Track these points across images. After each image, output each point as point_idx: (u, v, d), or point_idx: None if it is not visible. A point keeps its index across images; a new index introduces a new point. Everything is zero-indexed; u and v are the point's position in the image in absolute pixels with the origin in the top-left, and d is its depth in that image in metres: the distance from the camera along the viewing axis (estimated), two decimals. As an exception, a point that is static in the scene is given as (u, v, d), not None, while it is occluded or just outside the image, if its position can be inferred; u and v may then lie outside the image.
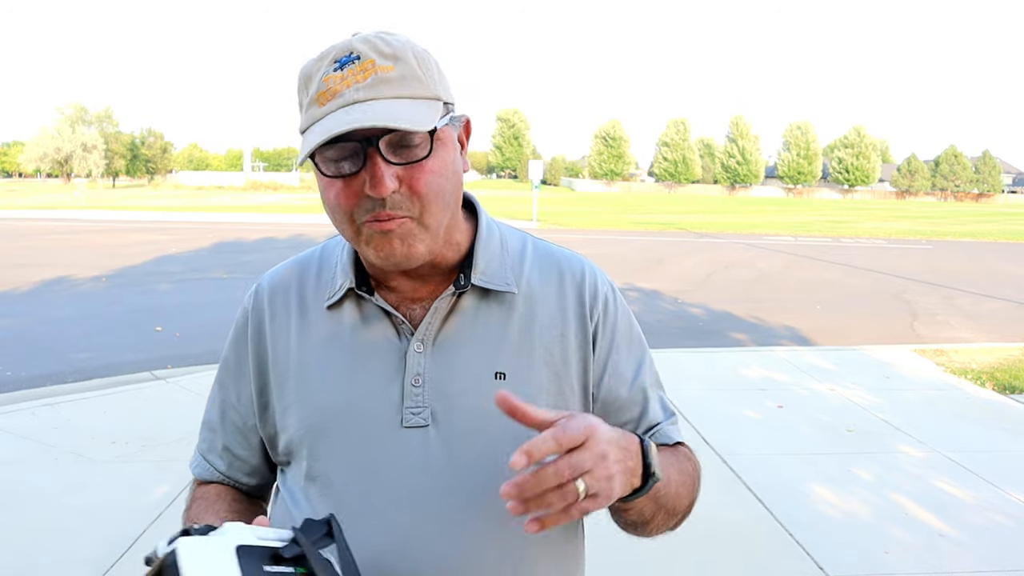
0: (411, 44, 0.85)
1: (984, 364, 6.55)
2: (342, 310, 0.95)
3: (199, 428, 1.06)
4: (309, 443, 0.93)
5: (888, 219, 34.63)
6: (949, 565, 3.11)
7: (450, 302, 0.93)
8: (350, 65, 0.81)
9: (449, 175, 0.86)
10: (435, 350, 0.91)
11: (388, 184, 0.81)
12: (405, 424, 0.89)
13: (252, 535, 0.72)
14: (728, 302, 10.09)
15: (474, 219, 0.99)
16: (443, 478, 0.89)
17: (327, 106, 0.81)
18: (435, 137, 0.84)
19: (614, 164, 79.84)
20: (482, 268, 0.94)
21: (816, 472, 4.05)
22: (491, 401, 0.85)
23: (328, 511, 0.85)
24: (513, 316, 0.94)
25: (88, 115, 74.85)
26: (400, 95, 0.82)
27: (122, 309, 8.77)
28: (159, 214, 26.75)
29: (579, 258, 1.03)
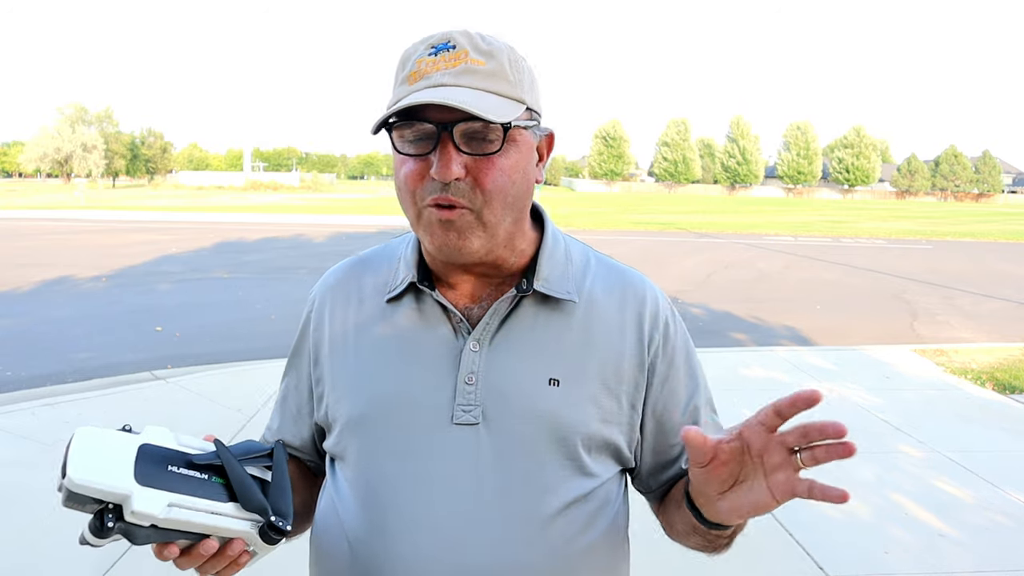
0: (509, 48, 0.88)
1: (984, 364, 6.55)
2: (401, 304, 0.96)
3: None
4: (358, 435, 0.94)
5: (888, 219, 34.63)
6: (949, 565, 3.11)
7: (510, 305, 0.93)
8: (444, 52, 0.84)
9: (517, 178, 0.87)
10: (491, 350, 0.92)
11: (454, 170, 0.82)
12: (455, 421, 0.90)
13: (173, 441, 0.73)
14: (728, 302, 10.09)
15: (541, 229, 1.00)
16: (490, 478, 0.89)
17: (414, 85, 0.83)
18: (509, 136, 0.85)
19: (614, 164, 79.86)
20: (545, 275, 0.94)
21: (816, 472, 4.04)
22: (543, 405, 0.90)
23: (373, 502, 0.90)
24: (572, 325, 0.95)
25: (88, 115, 74.82)
26: (485, 88, 0.83)
27: (122, 309, 8.76)
28: (159, 214, 26.74)
29: (641, 277, 1.04)
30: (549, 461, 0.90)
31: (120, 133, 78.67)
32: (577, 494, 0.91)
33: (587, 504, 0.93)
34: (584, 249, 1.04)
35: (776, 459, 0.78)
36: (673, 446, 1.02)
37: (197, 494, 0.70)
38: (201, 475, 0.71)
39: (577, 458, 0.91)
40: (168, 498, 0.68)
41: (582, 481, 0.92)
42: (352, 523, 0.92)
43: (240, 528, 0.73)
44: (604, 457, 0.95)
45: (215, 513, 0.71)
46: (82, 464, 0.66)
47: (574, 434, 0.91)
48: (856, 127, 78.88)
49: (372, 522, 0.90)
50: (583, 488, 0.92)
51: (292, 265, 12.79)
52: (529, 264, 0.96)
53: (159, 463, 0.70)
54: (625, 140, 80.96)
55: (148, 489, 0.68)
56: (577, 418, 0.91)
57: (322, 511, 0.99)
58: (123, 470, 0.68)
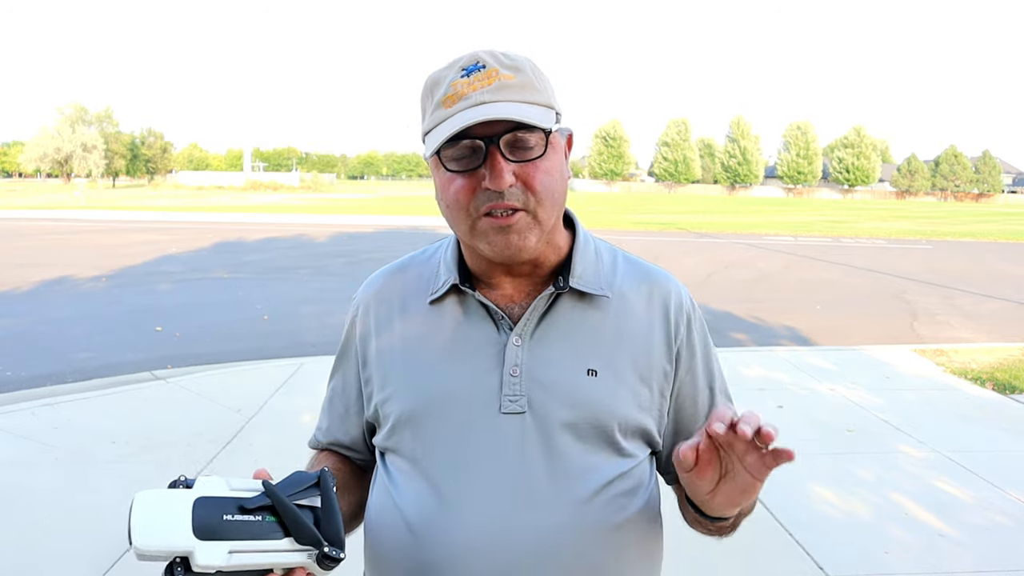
0: (529, 60, 0.96)
1: (984, 364, 6.55)
2: (444, 305, 1.03)
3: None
4: (411, 428, 1.00)
5: (888, 219, 34.63)
6: (949, 565, 3.11)
7: (548, 301, 1.00)
8: (476, 72, 0.91)
9: (558, 177, 0.95)
10: (532, 344, 0.98)
11: (507, 178, 0.89)
12: (503, 410, 0.96)
13: (225, 487, 0.78)
14: (728, 302, 10.09)
15: (571, 228, 1.08)
16: (538, 464, 0.95)
17: (454, 107, 0.90)
18: (549, 140, 0.93)
19: (614, 164, 79.88)
20: (579, 273, 1.01)
21: (816, 472, 4.05)
22: (583, 394, 0.98)
23: (430, 490, 0.97)
24: (606, 319, 1.02)
25: (88, 115, 74.86)
26: (520, 99, 0.91)
27: (122, 309, 8.77)
28: (159, 214, 26.74)
29: (666, 274, 1.11)
30: (589, 444, 0.97)
31: (120, 133, 78.71)
32: (615, 473, 0.98)
33: (625, 483, 0.99)
34: (611, 248, 1.11)
35: (741, 446, 0.85)
36: (692, 432, 1.07)
37: (254, 536, 0.77)
38: (255, 517, 0.77)
39: (614, 442, 0.98)
40: (227, 546, 0.75)
41: (620, 462, 0.99)
42: (410, 510, 0.98)
43: (298, 560, 0.79)
44: (638, 440, 1.02)
45: (273, 551, 0.77)
46: (144, 530, 0.74)
47: (612, 419, 0.98)
48: (856, 127, 78.91)
49: (430, 508, 0.96)
50: (621, 468, 0.99)
51: (292, 265, 12.78)
52: (563, 262, 1.03)
53: (214, 514, 0.75)
54: (625, 140, 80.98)
55: (207, 542, 0.74)
56: (614, 405, 0.98)
57: (377, 502, 1.04)
58: (182, 528, 0.74)
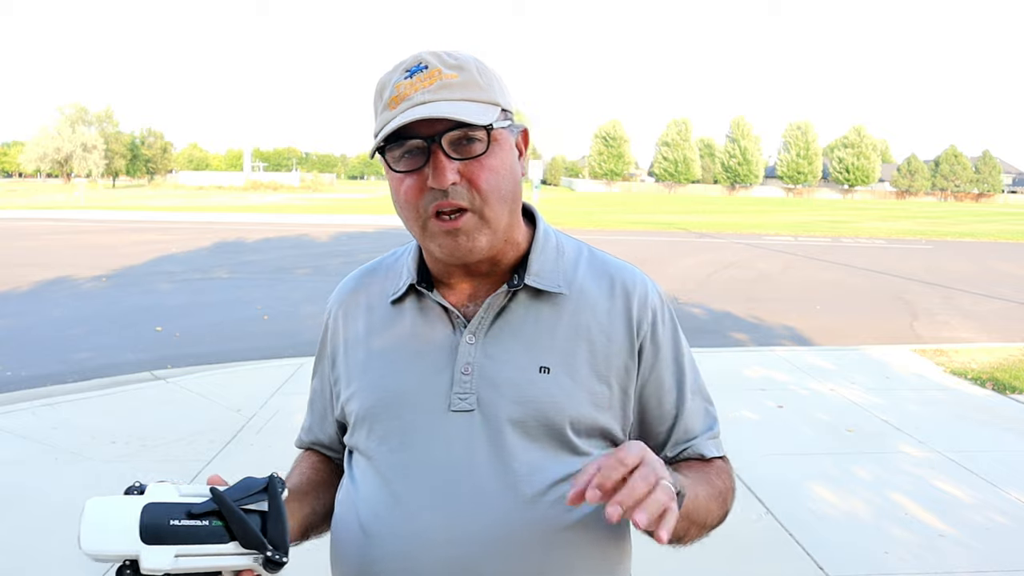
0: (475, 59, 0.96)
1: (984, 364, 6.55)
2: (404, 306, 1.05)
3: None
4: (367, 426, 1.02)
5: (888, 219, 34.62)
6: (949, 565, 3.11)
7: (503, 300, 1.00)
8: (419, 73, 0.92)
9: (506, 174, 0.95)
10: (485, 343, 0.99)
11: (449, 176, 0.90)
12: (452, 408, 0.97)
13: (175, 494, 0.81)
14: (728, 302, 10.09)
15: (533, 226, 1.07)
16: (486, 461, 0.95)
17: (397, 108, 0.91)
18: (492, 137, 0.93)
19: (614, 164, 79.86)
20: (535, 270, 1.01)
21: (816, 472, 4.05)
22: (533, 392, 0.97)
23: (381, 487, 0.99)
24: (562, 316, 1.01)
25: (88, 115, 74.82)
26: (462, 98, 0.91)
27: (122, 309, 8.77)
28: (159, 214, 26.74)
29: (633, 269, 1.10)
30: (539, 442, 0.96)
31: (120, 133, 78.67)
32: (566, 472, 0.96)
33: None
34: (579, 245, 1.10)
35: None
36: (659, 433, 1.07)
37: (200, 541, 0.79)
38: (202, 522, 0.80)
39: (567, 440, 0.97)
40: (173, 550, 0.78)
41: (573, 461, 0.97)
42: (363, 508, 0.99)
43: (243, 563, 0.81)
44: (596, 439, 1.00)
45: (218, 555, 0.80)
46: (92, 534, 0.79)
47: (562, 417, 0.96)
48: (856, 127, 78.89)
49: (380, 505, 0.97)
50: (573, 467, 0.96)
51: (292, 265, 12.78)
52: (522, 260, 1.03)
53: (162, 519, 0.79)
54: (625, 140, 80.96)
55: (154, 547, 0.78)
56: (566, 403, 0.97)
57: (339, 500, 1.06)
58: (129, 533, 0.78)
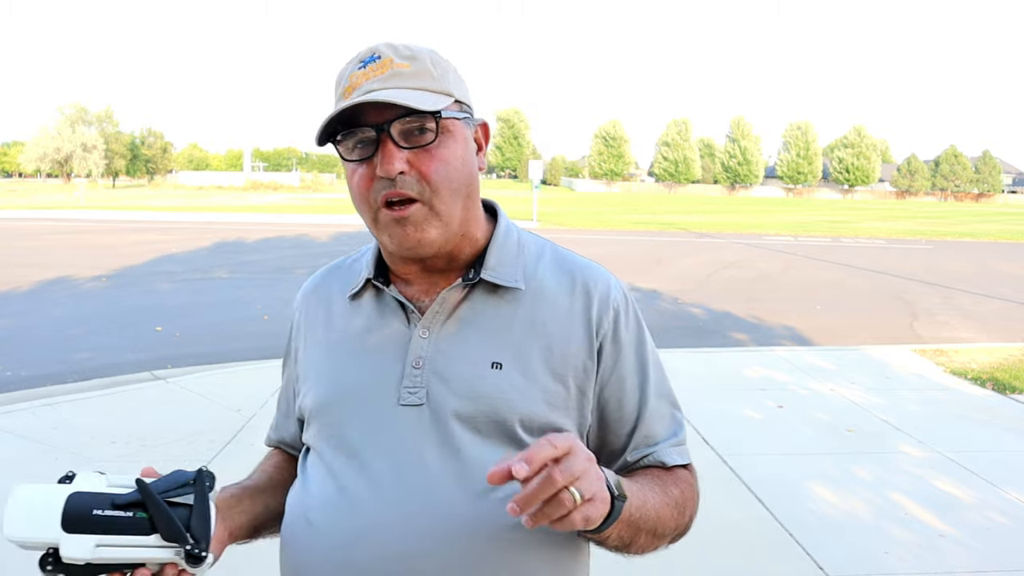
0: (430, 51, 0.96)
1: (984, 364, 6.55)
2: (362, 301, 1.04)
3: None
4: (319, 421, 1.01)
5: (888, 219, 34.62)
6: (949, 565, 3.10)
7: (459, 294, 0.99)
8: (372, 63, 0.92)
9: (458, 165, 0.94)
10: (438, 337, 0.97)
11: (396, 165, 0.89)
12: (401, 402, 0.95)
13: (102, 484, 0.82)
14: (728, 302, 10.09)
15: (495, 222, 1.06)
16: (433, 456, 0.93)
17: (350, 98, 0.90)
18: (443, 128, 0.92)
19: (614, 164, 79.85)
20: (493, 264, 0.99)
21: (816, 472, 4.05)
22: (483, 387, 0.95)
23: (329, 481, 0.97)
24: (518, 312, 0.99)
25: (88, 115, 74.80)
26: (412, 87, 0.91)
27: (122, 309, 8.77)
28: (159, 214, 26.74)
29: (597, 267, 1.06)
30: (488, 439, 0.94)
31: (120, 133, 78.63)
32: None
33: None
34: (542, 242, 1.08)
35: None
36: (619, 436, 1.03)
37: (121, 531, 0.80)
38: (126, 513, 0.80)
39: (517, 438, 0.94)
40: (94, 540, 0.78)
41: None
42: (312, 501, 0.98)
43: (165, 556, 0.81)
44: None
45: (140, 546, 0.80)
46: (14, 520, 0.79)
47: (512, 415, 0.94)
48: (856, 127, 78.89)
49: (327, 498, 0.96)
50: None
51: (292, 265, 12.78)
52: (481, 254, 1.01)
53: (85, 508, 0.79)
54: (625, 140, 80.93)
55: (74, 535, 0.78)
56: (517, 400, 0.94)
57: (290, 497, 1.04)
58: (51, 521, 0.79)
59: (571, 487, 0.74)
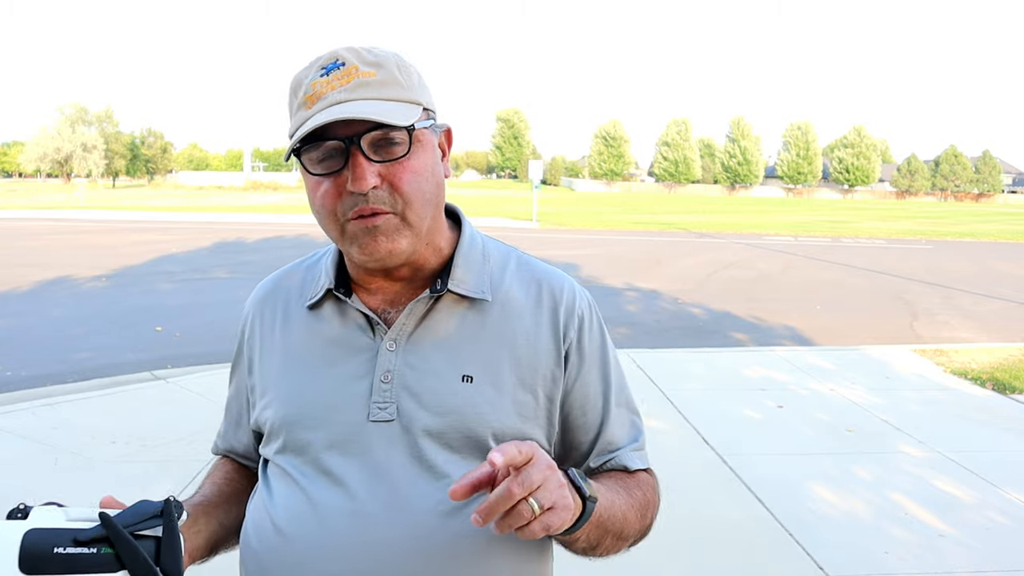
0: (395, 55, 0.92)
1: (984, 364, 6.55)
2: (322, 311, 1.00)
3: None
4: (283, 436, 0.97)
5: (888, 219, 34.63)
6: (949, 565, 3.11)
7: (426, 305, 0.96)
8: (335, 71, 0.88)
9: (428, 175, 0.91)
10: (406, 350, 0.95)
11: (369, 180, 0.86)
12: (372, 418, 0.93)
13: (61, 518, 0.76)
14: (728, 302, 10.09)
15: (459, 230, 1.03)
16: (405, 473, 0.92)
17: (313, 108, 0.87)
18: (414, 138, 0.89)
19: (614, 164, 79.86)
20: (460, 275, 0.97)
21: (816, 472, 4.05)
22: (454, 401, 0.94)
23: (298, 496, 0.95)
24: (487, 323, 0.97)
25: (88, 115, 74.82)
26: (380, 97, 0.88)
27: (122, 309, 8.77)
28: (159, 214, 26.75)
29: (561, 275, 1.05)
30: (460, 454, 0.93)
31: (120, 133, 78.65)
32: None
33: None
34: (507, 251, 1.06)
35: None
36: (582, 443, 1.03)
37: (85, 570, 0.74)
38: (89, 550, 0.74)
39: (488, 451, 0.90)
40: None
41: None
42: (279, 513, 0.95)
43: None
44: None
45: None
46: None
47: (485, 428, 0.93)
48: (856, 127, 78.88)
49: (296, 511, 0.93)
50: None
51: (292, 265, 12.78)
52: (446, 264, 0.99)
53: (45, 546, 0.73)
54: (625, 140, 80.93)
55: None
56: (489, 413, 0.93)
57: (253, 509, 1.01)
58: (7, 561, 0.72)
59: (530, 498, 0.73)
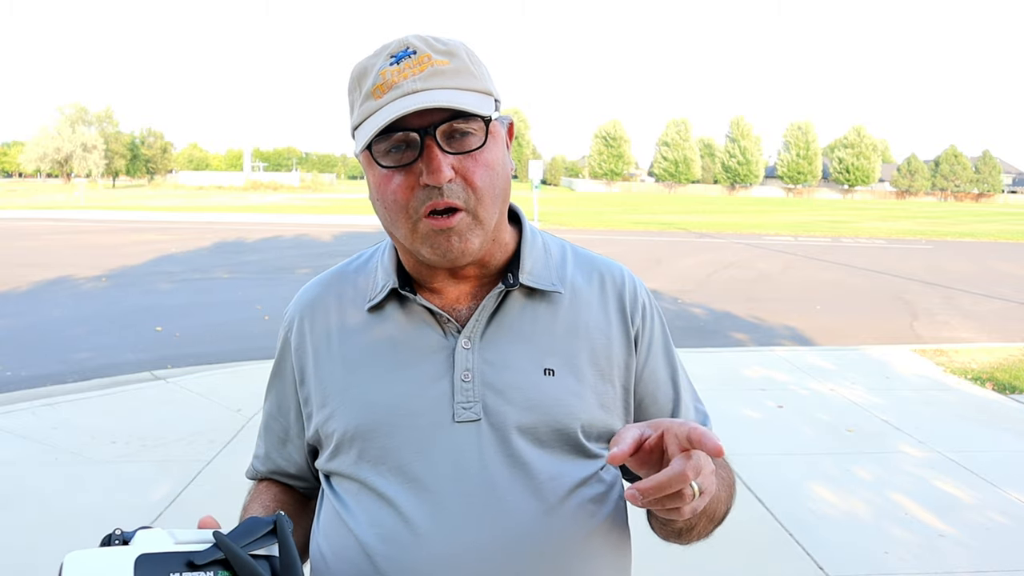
0: (463, 44, 0.89)
1: (984, 364, 6.55)
2: (384, 312, 0.96)
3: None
4: (358, 446, 0.92)
5: (888, 219, 34.62)
6: (949, 565, 3.10)
7: (496, 300, 0.94)
8: (406, 59, 0.84)
9: (500, 169, 0.89)
10: (482, 347, 0.92)
11: (445, 172, 0.82)
12: (457, 419, 0.90)
13: (169, 541, 0.69)
14: (728, 302, 10.09)
15: (517, 223, 1.02)
16: (500, 473, 0.89)
17: (384, 97, 0.83)
18: (490, 130, 0.86)
19: (614, 164, 79.86)
20: (529, 268, 0.95)
21: (816, 472, 4.05)
22: (541, 396, 0.91)
23: (386, 510, 0.90)
24: (559, 315, 0.96)
25: (88, 115, 74.82)
26: (456, 86, 0.84)
27: (122, 309, 8.76)
28: (159, 214, 26.73)
29: (619, 265, 1.05)
30: (551, 449, 0.91)
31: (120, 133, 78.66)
32: (582, 477, 0.92)
33: (593, 487, 0.93)
34: (561, 243, 1.06)
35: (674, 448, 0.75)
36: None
37: None
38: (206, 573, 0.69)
39: (578, 444, 0.92)
40: None
41: (586, 465, 0.93)
42: (367, 534, 0.90)
43: None
44: (604, 442, 0.96)
45: None
46: None
47: (573, 421, 0.92)
48: (856, 127, 78.86)
49: (389, 529, 0.89)
50: (587, 471, 0.93)
51: (292, 265, 12.78)
52: (511, 259, 0.97)
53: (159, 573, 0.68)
54: (625, 140, 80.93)
55: None
56: (574, 405, 0.92)
57: (326, 530, 0.96)
58: None
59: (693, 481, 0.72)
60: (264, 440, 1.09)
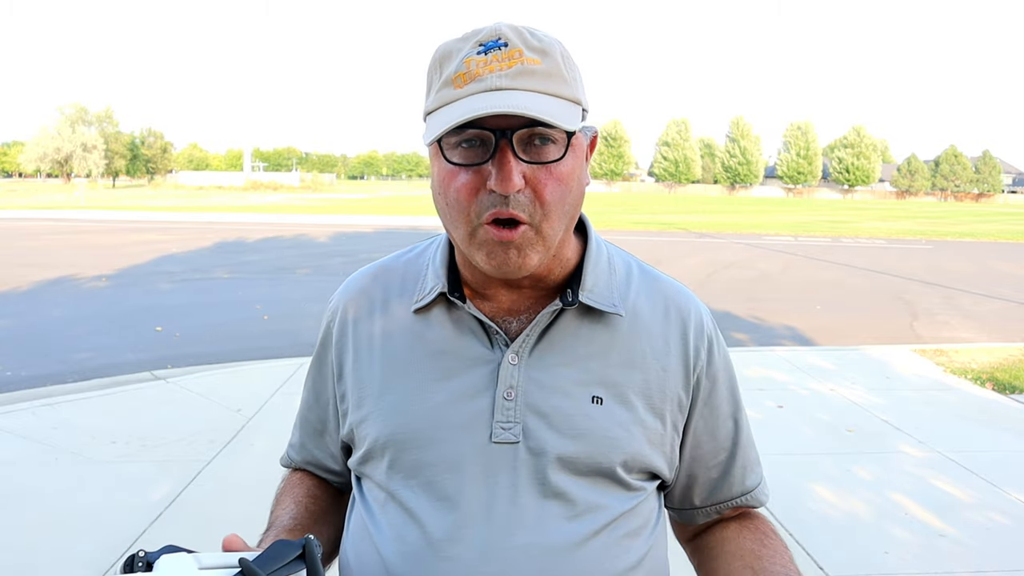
0: (560, 43, 0.82)
1: (984, 364, 6.55)
2: (431, 315, 0.91)
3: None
4: (390, 456, 0.88)
5: (888, 219, 34.62)
6: (949, 565, 3.10)
7: (551, 317, 0.88)
8: (496, 51, 0.77)
9: (574, 185, 0.82)
10: (530, 364, 0.87)
11: (516, 181, 0.76)
12: (495, 439, 0.85)
13: (193, 566, 0.67)
14: (728, 302, 10.09)
15: (583, 235, 0.95)
16: (533, 500, 0.84)
17: (465, 88, 0.76)
18: (571, 143, 0.80)
19: (614, 164, 79.94)
20: (590, 286, 0.89)
21: (816, 472, 4.05)
22: (586, 425, 0.85)
23: (409, 526, 0.86)
24: (616, 340, 0.89)
25: (88, 115, 74.89)
26: (545, 90, 0.77)
27: (122, 309, 8.76)
28: (159, 214, 26.73)
29: (687, 292, 0.98)
30: (590, 480, 0.86)
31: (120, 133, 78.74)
32: (617, 512, 0.87)
33: (629, 522, 0.88)
34: (627, 258, 0.99)
35: None
36: (712, 467, 0.97)
37: None
38: None
39: (616, 477, 0.87)
40: None
41: (622, 499, 0.88)
42: (390, 550, 0.86)
43: None
44: (644, 479, 0.91)
45: None
46: None
47: (616, 455, 0.86)
48: (856, 127, 78.96)
49: (410, 548, 0.85)
50: (625, 506, 0.88)
51: (292, 265, 12.77)
52: (572, 273, 0.91)
53: None
54: (625, 140, 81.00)
55: None
56: (620, 438, 0.87)
57: (353, 537, 0.93)
58: None
59: None
60: (300, 429, 1.05)
